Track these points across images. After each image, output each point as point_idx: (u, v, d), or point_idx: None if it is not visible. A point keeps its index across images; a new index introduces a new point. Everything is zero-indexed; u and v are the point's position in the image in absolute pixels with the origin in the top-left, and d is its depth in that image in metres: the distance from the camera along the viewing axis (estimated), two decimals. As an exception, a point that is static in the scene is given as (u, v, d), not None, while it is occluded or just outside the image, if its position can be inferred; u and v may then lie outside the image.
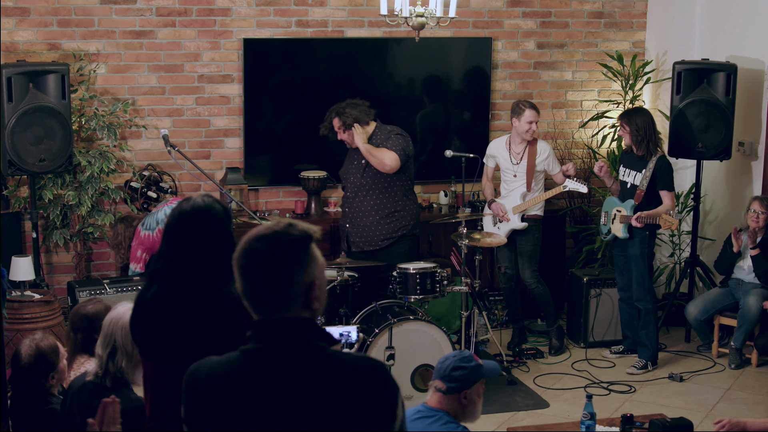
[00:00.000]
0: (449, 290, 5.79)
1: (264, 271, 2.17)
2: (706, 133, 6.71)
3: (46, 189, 6.38)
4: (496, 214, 6.46)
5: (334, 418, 2.12)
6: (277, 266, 2.16)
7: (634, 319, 6.49)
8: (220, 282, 2.89)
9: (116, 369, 3.33)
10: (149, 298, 2.95)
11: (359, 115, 6.01)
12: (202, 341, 2.80)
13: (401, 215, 6.09)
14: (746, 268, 6.44)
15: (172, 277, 2.91)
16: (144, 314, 2.95)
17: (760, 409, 5.70)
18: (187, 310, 2.88)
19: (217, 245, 2.91)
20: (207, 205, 2.94)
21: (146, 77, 6.84)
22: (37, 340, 3.68)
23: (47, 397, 3.61)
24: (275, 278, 2.17)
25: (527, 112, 6.30)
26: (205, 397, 2.20)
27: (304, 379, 2.14)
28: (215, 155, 7.05)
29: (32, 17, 6.57)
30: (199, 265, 2.88)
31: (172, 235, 2.94)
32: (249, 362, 2.19)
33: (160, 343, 2.92)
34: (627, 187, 6.29)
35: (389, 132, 6.07)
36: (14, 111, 5.90)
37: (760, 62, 6.88)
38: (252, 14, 6.97)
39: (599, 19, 7.74)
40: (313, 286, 2.18)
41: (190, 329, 2.86)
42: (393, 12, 5.42)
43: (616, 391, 5.97)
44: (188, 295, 2.89)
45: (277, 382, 2.14)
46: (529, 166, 6.40)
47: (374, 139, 6.05)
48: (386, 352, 5.37)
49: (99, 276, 6.75)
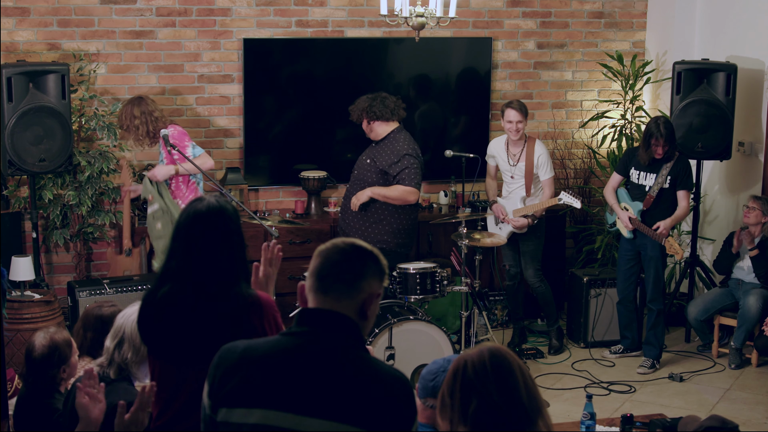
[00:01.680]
0: (449, 290, 5.79)
1: (340, 257, 2.36)
2: (706, 133, 6.71)
3: (46, 189, 6.38)
4: (497, 215, 6.46)
5: (353, 417, 2.23)
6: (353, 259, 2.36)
7: (633, 321, 6.49)
8: (230, 282, 2.89)
9: (121, 360, 3.34)
10: (159, 297, 2.94)
11: (381, 111, 5.90)
12: (212, 341, 2.77)
13: (381, 228, 5.96)
14: (746, 268, 6.45)
15: (183, 276, 2.91)
16: (154, 313, 2.95)
17: (760, 409, 5.70)
18: (198, 310, 2.87)
19: (229, 245, 2.92)
20: (221, 205, 2.94)
21: (146, 77, 6.84)
22: (51, 333, 3.69)
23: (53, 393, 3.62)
24: (347, 266, 2.35)
25: (507, 112, 6.29)
26: (240, 367, 2.33)
27: (336, 371, 2.27)
28: (215, 155, 7.05)
29: (32, 17, 6.57)
30: (211, 265, 2.88)
31: (184, 234, 2.93)
32: (289, 342, 2.34)
33: (169, 343, 2.92)
34: (636, 188, 6.25)
35: (400, 154, 5.86)
36: (14, 111, 5.90)
37: (760, 62, 6.88)
38: (252, 14, 6.97)
39: (599, 19, 7.74)
40: (373, 298, 2.37)
41: (200, 329, 2.86)
42: (393, 12, 5.42)
43: (616, 391, 5.98)
44: (199, 295, 2.88)
45: (310, 365, 2.28)
46: (527, 169, 6.38)
47: (384, 142, 5.94)
48: (386, 352, 5.37)
49: (99, 276, 6.75)
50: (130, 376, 3.37)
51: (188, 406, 2.87)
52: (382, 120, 5.94)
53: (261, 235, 6.47)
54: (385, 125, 5.96)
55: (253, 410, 2.27)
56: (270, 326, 2.89)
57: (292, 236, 6.62)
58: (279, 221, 5.99)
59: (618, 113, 7.56)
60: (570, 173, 7.68)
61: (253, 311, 2.88)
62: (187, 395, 2.89)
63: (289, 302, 6.07)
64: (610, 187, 6.43)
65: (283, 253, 3.32)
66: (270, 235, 5.77)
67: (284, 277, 6.47)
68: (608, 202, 6.43)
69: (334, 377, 2.26)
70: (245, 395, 2.29)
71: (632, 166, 6.28)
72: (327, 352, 2.29)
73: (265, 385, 2.28)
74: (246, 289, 2.92)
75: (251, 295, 2.91)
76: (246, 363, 2.32)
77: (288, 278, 6.52)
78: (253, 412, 2.27)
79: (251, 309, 2.88)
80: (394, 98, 6.02)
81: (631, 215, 6.21)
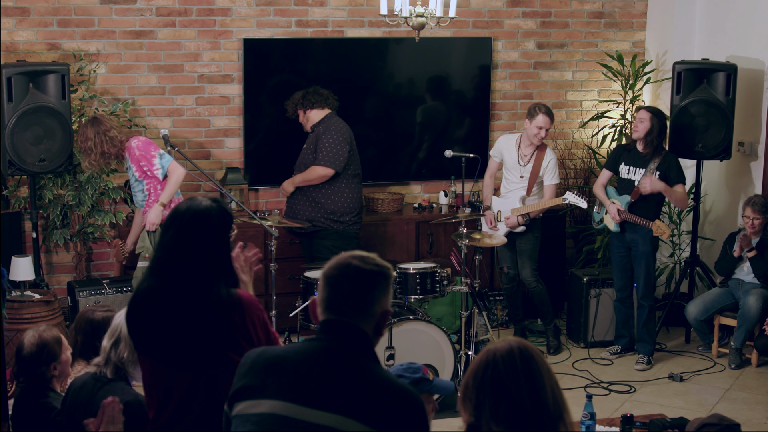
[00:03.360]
0: (449, 290, 5.79)
1: (351, 285, 2.38)
2: (706, 133, 6.71)
3: (46, 189, 6.38)
4: (487, 222, 6.47)
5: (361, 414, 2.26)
6: (363, 284, 2.39)
7: (631, 318, 6.49)
8: (212, 282, 2.91)
9: (118, 359, 3.34)
10: (143, 291, 2.98)
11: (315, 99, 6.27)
12: (194, 339, 2.86)
13: (320, 206, 6.24)
14: (746, 269, 6.44)
15: (167, 272, 2.94)
16: (138, 308, 2.98)
17: (760, 409, 5.70)
18: (178, 308, 2.90)
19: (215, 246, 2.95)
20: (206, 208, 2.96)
21: (146, 77, 6.84)
22: (40, 331, 3.69)
23: (46, 391, 3.61)
24: (360, 293, 2.39)
25: (539, 117, 6.29)
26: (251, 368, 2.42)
27: (349, 373, 2.32)
28: (215, 155, 7.05)
29: (32, 17, 6.57)
30: (195, 264, 2.91)
31: (175, 230, 2.96)
32: (307, 346, 2.41)
33: (153, 340, 2.94)
34: (625, 183, 6.30)
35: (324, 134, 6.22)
36: (14, 111, 5.90)
37: (760, 62, 6.88)
38: (252, 14, 6.97)
39: (599, 19, 7.74)
40: (386, 315, 2.43)
41: (181, 327, 2.89)
42: (393, 12, 5.42)
43: (616, 391, 5.97)
44: (179, 293, 2.91)
45: (324, 365, 2.34)
46: (534, 171, 6.40)
47: (317, 126, 6.29)
48: (386, 352, 5.37)
49: (99, 276, 6.75)
50: (127, 375, 3.36)
51: (182, 410, 2.90)
52: (317, 107, 6.30)
53: (261, 235, 6.47)
54: (320, 112, 6.31)
55: (262, 401, 2.34)
56: (254, 325, 2.91)
57: (292, 236, 6.62)
58: (279, 221, 6.00)
59: (618, 113, 7.56)
60: (570, 173, 7.68)
61: (235, 310, 2.90)
62: (181, 393, 2.91)
63: (289, 302, 6.07)
64: (600, 184, 6.50)
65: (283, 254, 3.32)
66: (270, 234, 5.78)
67: (284, 276, 6.47)
68: (598, 197, 6.47)
69: (346, 377, 2.31)
70: (257, 388, 2.37)
71: (621, 161, 6.36)
72: (343, 357, 2.34)
73: (276, 378, 2.35)
74: (225, 291, 2.94)
75: (231, 295, 2.93)
76: (261, 361, 2.41)
77: (288, 278, 6.52)
78: (263, 403, 2.34)
79: (232, 308, 2.90)
80: (327, 90, 6.37)
81: (620, 207, 6.24)
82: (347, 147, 6.22)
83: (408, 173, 7.47)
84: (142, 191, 5.86)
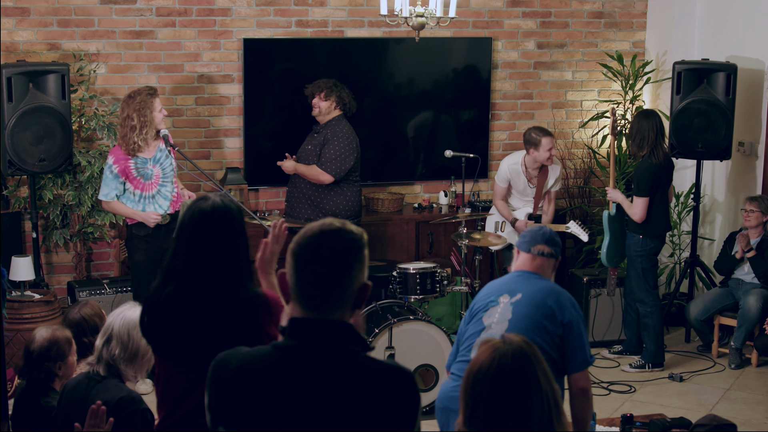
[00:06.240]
0: (449, 290, 5.79)
1: (324, 270, 2.16)
2: (706, 133, 6.71)
3: (46, 189, 6.38)
4: (523, 226, 6.38)
5: (357, 420, 2.16)
6: (338, 267, 2.16)
7: (634, 321, 6.50)
8: (237, 281, 2.86)
9: (110, 356, 3.32)
10: (164, 297, 2.89)
11: (342, 96, 6.21)
12: (219, 342, 2.70)
13: (319, 207, 6.22)
14: (746, 268, 6.44)
15: (188, 276, 2.86)
16: (159, 314, 2.90)
17: (760, 409, 5.70)
18: (204, 310, 2.84)
19: (234, 245, 2.89)
20: (225, 205, 2.91)
21: (146, 77, 6.84)
22: (54, 329, 3.71)
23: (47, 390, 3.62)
24: (334, 279, 2.17)
25: (544, 140, 6.28)
26: (234, 388, 2.21)
27: (334, 380, 2.16)
28: (215, 155, 7.05)
29: (32, 17, 6.57)
30: (217, 264, 2.85)
31: (189, 233, 2.89)
32: (281, 358, 2.20)
33: (176, 344, 2.88)
34: None
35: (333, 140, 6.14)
36: (14, 111, 5.90)
37: (760, 62, 6.88)
38: (252, 14, 6.97)
39: (599, 19, 7.74)
40: (365, 288, 2.21)
41: (207, 330, 2.82)
42: (393, 12, 5.42)
43: (616, 391, 5.98)
44: (205, 295, 2.84)
45: (306, 381, 2.16)
46: (539, 187, 6.46)
47: (327, 127, 6.21)
48: (386, 352, 5.37)
49: (99, 276, 6.75)
50: (119, 373, 3.36)
51: (196, 411, 2.81)
52: (338, 104, 6.21)
53: (261, 235, 6.45)
54: (336, 110, 6.23)
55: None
56: (278, 326, 2.86)
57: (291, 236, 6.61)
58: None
59: (618, 113, 7.56)
60: (570, 173, 7.68)
61: (263, 311, 2.85)
62: (194, 396, 2.84)
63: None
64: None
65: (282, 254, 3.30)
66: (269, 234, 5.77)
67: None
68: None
69: (332, 389, 2.16)
70: (243, 419, 2.20)
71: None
72: (321, 366, 2.17)
73: (261, 408, 2.18)
74: (253, 289, 2.89)
75: (259, 295, 2.88)
76: (241, 384, 2.21)
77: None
78: None
79: (260, 309, 2.85)
80: (351, 93, 6.32)
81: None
82: (353, 158, 6.18)
83: (408, 173, 7.47)
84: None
